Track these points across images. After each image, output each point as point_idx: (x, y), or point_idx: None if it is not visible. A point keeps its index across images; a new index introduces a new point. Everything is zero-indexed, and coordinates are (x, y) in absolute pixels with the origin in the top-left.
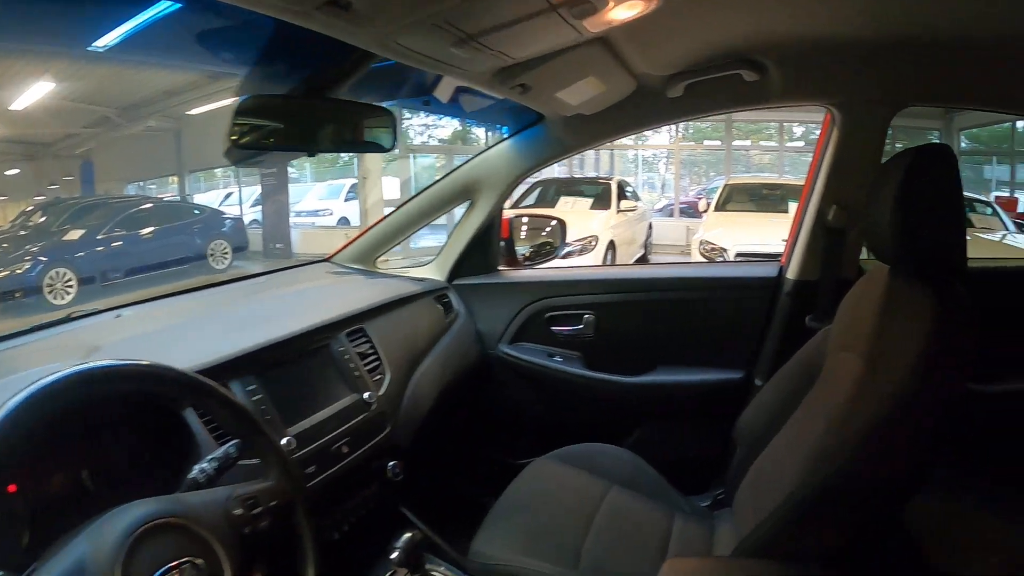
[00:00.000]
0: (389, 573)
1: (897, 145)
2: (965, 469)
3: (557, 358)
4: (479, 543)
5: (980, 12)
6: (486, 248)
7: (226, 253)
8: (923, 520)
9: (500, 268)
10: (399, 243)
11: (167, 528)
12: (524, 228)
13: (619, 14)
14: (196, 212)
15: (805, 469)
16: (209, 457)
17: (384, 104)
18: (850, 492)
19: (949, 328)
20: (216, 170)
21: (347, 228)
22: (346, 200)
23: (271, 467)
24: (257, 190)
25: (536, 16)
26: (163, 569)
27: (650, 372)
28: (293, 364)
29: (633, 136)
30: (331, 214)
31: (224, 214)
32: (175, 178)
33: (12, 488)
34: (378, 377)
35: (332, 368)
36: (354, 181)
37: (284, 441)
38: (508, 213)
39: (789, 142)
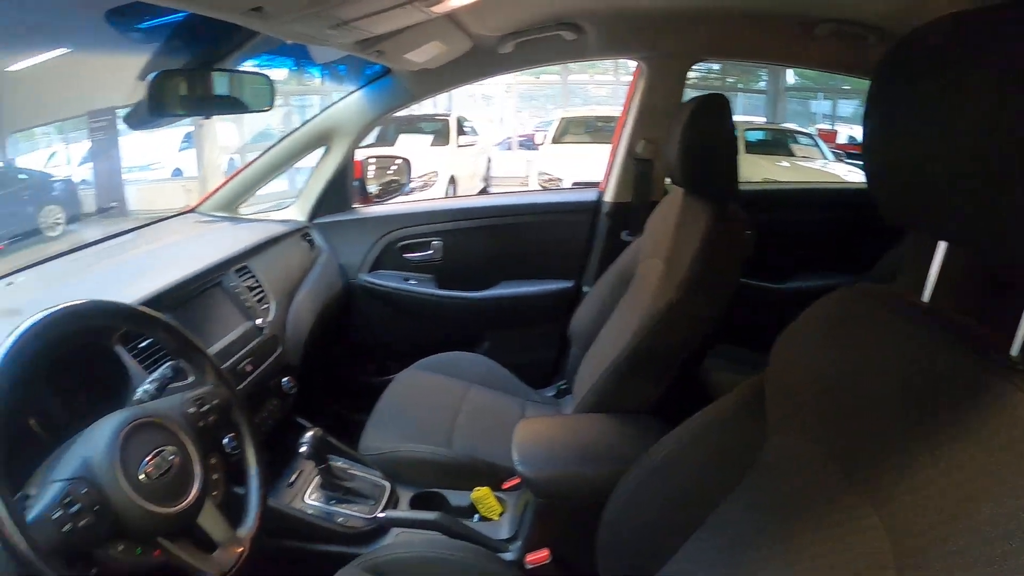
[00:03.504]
0: (298, 472)
1: (728, 79)
2: (760, 350)
3: (412, 281)
4: (366, 439)
5: None
6: (342, 188)
7: (59, 220)
8: (719, 387)
9: (355, 205)
10: (259, 190)
11: (145, 426)
12: (373, 168)
13: (457, 2)
14: (23, 178)
15: (620, 347)
16: (149, 380)
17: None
18: (651, 356)
19: (719, 234)
20: (35, 129)
21: (182, 179)
22: (180, 150)
23: (207, 375)
24: (81, 147)
25: (395, 8)
26: (148, 456)
27: (494, 287)
28: (195, 300)
29: None
30: (164, 167)
31: (53, 177)
32: None
33: None
34: (265, 306)
35: (227, 301)
36: (187, 130)
37: None
38: (359, 155)
39: (625, 75)
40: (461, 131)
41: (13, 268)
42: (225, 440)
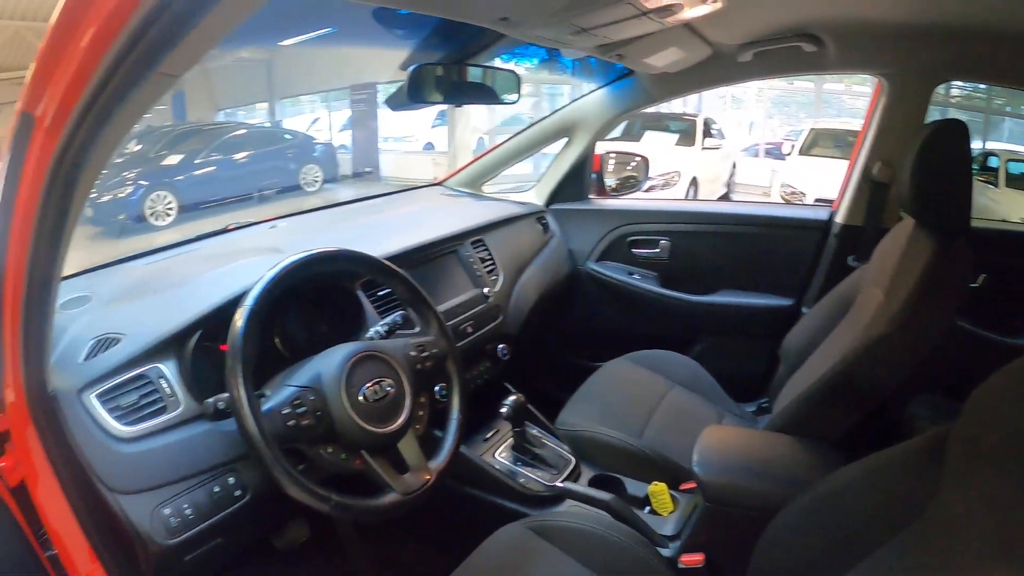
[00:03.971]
0: (495, 430)
1: (996, 101)
2: None
3: (636, 276)
4: (564, 415)
5: (1007, 5)
6: (579, 179)
7: (317, 178)
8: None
9: (590, 196)
10: (502, 171)
11: (372, 358)
12: (612, 163)
13: (691, 14)
14: (288, 137)
15: (821, 372)
16: (381, 323)
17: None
18: (849, 387)
19: (940, 272)
20: (301, 96)
21: (432, 153)
22: (432, 127)
23: (431, 327)
24: (341, 115)
25: (630, 19)
26: (369, 383)
27: (714, 293)
28: (431, 263)
29: None
30: (416, 140)
31: (315, 140)
32: (262, 104)
33: (223, 347)
34: (494, 278)
35: (460, 268)
36: (441, 108)
37: None
38: (599, 149)
39: None
40: (708, 133)
41: (278, 214)
42: (436, 388)
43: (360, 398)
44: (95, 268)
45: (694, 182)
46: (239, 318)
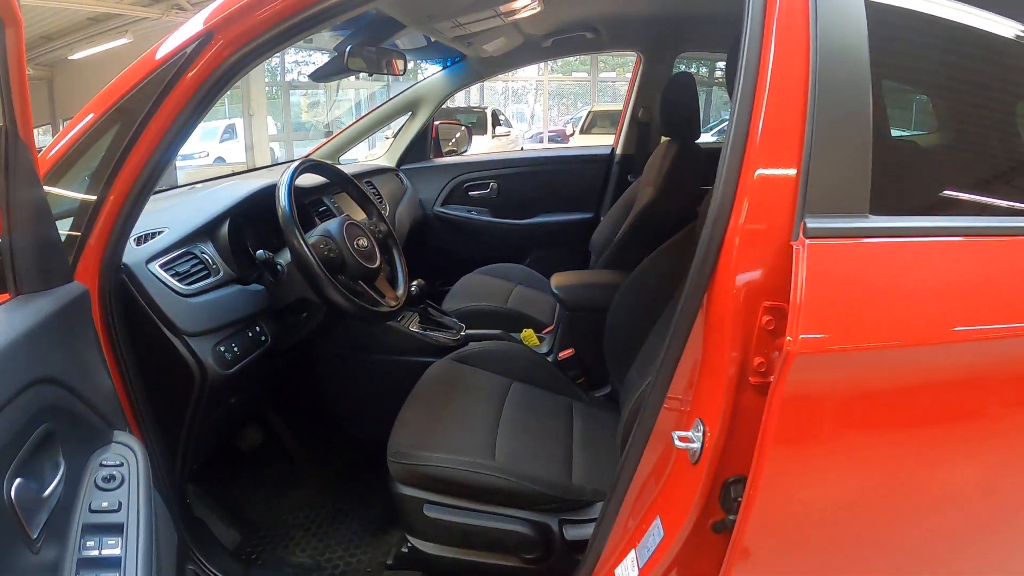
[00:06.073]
0: (402, 316)
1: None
2: None
3: (473, 212)
4: (445, 304)
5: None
6: (423, 143)
7: None
8: None
9: (432, 156)
10: (356, 145)
11: (354, 225)
12: (444, 131)
13: (527, 13)
14: None
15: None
16: (335, 220)
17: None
18: (642, 230)
19: (683, 163)
20: None
21: (225, 165)
22: (221, 141)
23: (373, 216)
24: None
25: (492, 18)
26: (355, 238)
27: (535, 217)
28: (342, 193)
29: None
30: (208, 155)
31: None
32: (45, 126)
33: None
34: (384, 206)
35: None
36: (228, 123)
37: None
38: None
39: None
40: (497, 123)
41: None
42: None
43: (354, 245)
44: None
45: None
46: (281, 193)
